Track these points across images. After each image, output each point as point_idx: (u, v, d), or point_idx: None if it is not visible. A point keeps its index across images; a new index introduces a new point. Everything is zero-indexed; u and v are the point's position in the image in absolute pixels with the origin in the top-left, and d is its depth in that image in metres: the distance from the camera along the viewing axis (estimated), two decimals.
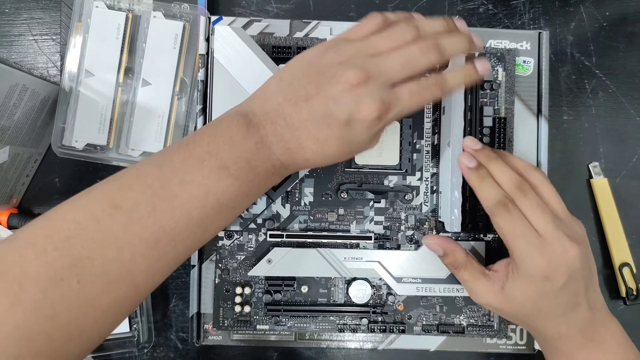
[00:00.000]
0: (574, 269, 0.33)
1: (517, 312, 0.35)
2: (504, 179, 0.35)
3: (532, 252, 0.33)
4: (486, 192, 0.35)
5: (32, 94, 0.40)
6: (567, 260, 0.33)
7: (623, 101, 0.46)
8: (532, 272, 0.33)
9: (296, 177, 0.39)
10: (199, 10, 0.42)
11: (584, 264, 0.34)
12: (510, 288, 0.35)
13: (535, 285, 0.34)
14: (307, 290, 0.40)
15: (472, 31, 0.41)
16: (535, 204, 0.34)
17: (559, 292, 0.33)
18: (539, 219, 0.34)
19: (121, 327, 0.43)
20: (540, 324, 0.35)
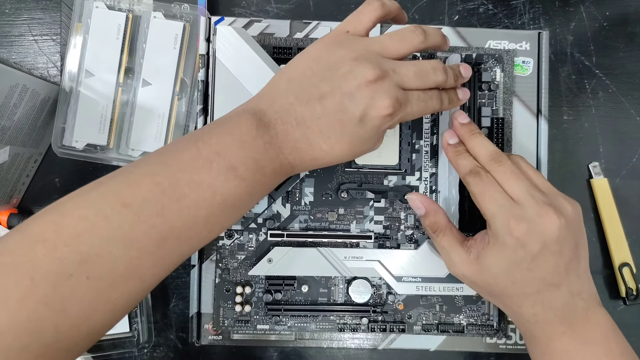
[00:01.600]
0: (550, 238, 0.31)
1: (491, 285, 0.34)
2: (482, 150, 0.35)
3: (503, 214, 0.32)
4: (461, 164, 0.36)
5: (32, 94, 0.40)
6: (542, 225, 0.31)
7: (623, 101, 0.46)
8: (503, 236, 0.32)
9: (296, 177, 0.39)
10: (199, 11, 0.42)
11: (565, 239, 0.32)
12: (484, 256, 0.34)
13: (508, 252, 0.32)
14: (307, 290, 0.40)
15: (472, 31, 0.41)
16: (509, 170, 0.34)
17: (532, 262, 0.32)
18: (513, 184, 0.33)
19: (121, 327, 0.43)
20: (515, 301, 0.34)
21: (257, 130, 0.30)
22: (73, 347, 0.26)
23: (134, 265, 0.27)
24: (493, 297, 0.36)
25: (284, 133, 0.30)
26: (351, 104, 0.30)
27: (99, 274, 0.26)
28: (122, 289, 0.27)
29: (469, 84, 0.40)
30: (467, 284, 0.37)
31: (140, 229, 0.27)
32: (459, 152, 0.36)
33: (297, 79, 0.31)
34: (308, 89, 0.30)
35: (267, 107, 0.31)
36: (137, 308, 0.43)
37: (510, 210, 0.32)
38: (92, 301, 0.26)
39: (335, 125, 0.30)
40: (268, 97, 0.31)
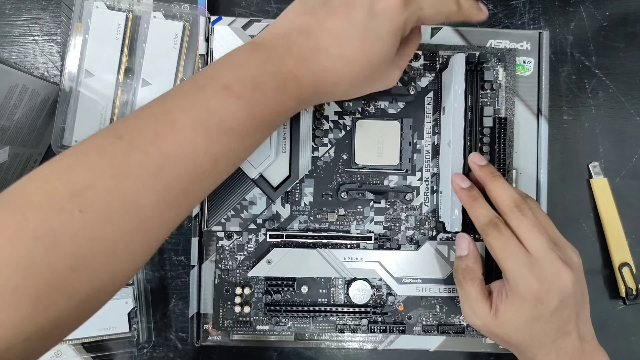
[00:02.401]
0: (566, 293, 0.32)
1: (510, 338, 0.34)
2: (504, 196, 0.35)
3: (523, 272, 0.32)
4: (478, 211, 0.35)
5: (32, 94, 0.40)
6: (560, 283, 0.32)
7: (623, 101, 0.46)
8: (524, 294, 0.33)
9: (296, 177, 0.39)
10: (199, 11, 0.42)
11: (577, 291, 0.33)
12: (503, 311, 0.34)
13: (528, 308, 0.33)
14: (307, 291, 0.40)
15: (472, 31, 0.41)
16: (532, 223, 0.33)
17: (551, 316, 0.33)
18: (534, 239, 0.33)
19: (121, 327, 0.43)
20: (531, 351, 0.34)
21: (252, 51, 0.28)
22: (74, 292, 0.24)
23: (131, 200, 0.25)
24: (508, 346, 0.36)
25: (285, 46, 0.28)
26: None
27: (92, 207, 0.24)
28: (120, 227, 0.25)
29: (471, 83, 0.40)
30: (484, 334, 0.37)
31: (134, 158, 0.25)
32: (474, 198, 0.36)
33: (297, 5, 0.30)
34: (309, 2, 0.29)
35: (266, 33, 0.30)
36: (137, 308, 0.43)
37: (531, 268, 0.32)
38: (87, 237, 0.24)
39: (343, 21, 0.28)
40: (269, 27, 0.30)
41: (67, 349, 0.42)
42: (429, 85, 0.41)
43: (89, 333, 0.42)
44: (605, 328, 0.45)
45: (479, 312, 0.35)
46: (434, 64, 0.41)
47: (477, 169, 0.37)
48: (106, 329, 0.42)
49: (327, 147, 0.40)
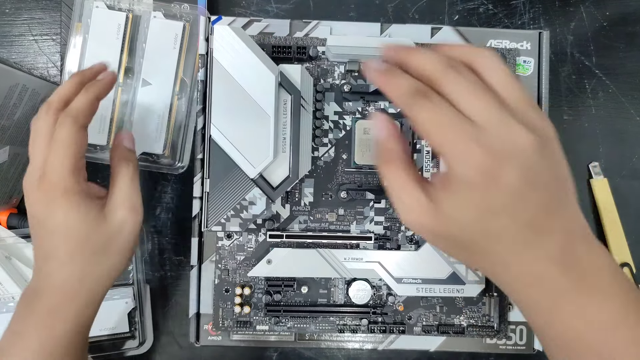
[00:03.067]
0: (527, 163, 0.24)
1: (456, 237, 0.25)
2: (427, 62, 0.26)
3: (466, 145, 0.23)
4: (396, 84, 0.26)
5: (32, 94, 0.40)
6: (518, 151, 0.23)
7: (623, 101, 0.46)
8: (470, 174, 0.23)
9: (296, 177, 0.39)
10: (199, 10, 0.42)
11: (548, 166, 0.25)
12: (444, 200, 0.25)
13: (476, 193, 0.24)
14: (307, 291, 0.40)
15: (472, 31, 0.41)
16: (473, 82, 0.25)
17: (511, 206, 0.24)
18: (476, 100, 0.24)
19: (121, 327, 0.43)
20: (496, 261, 0.25)
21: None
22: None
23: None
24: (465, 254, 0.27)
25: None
26: None
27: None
28: None
29: None
30: (428, 239, 0.29)
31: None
32: (393, 73, 0.26)
33: None
34: None
35: None
36: (137, 308, 0.43)
37: (476, 138, 0.23)
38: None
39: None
40: None
41: None
42: None
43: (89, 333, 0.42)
44: None
45: (412, 204, 0.25)
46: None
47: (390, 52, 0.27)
48: (106, 329, 0.42)
49: (327, 147, 0.40)
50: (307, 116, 0.39)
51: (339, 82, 0.40)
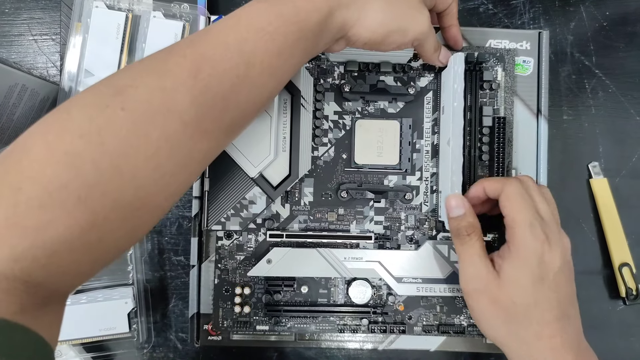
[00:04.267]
0: (566, 258, 0.34)
1: (516, 301, 0.33)
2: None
3: (534, 225, 0.33)
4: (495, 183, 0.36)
5: (32, 93, 0.40)
6: (563, 245, 0.34)
7: (623, 101, 0.46)
8: (530, 249, 0.32)
9: (296, 176, 0.39)
10: (199, 10, 0.42)
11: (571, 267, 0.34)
12: (507, 268, 0.33)
13: (533, 265, 0.32)
14: (307, 291, 0.40)
15: (472, 30, 0.41)
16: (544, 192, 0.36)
17: (553, 279, 0.33)
18: (545, 205, 0.35)
19: (121, 327, 0.42)
20: (535, 328, 0.33)
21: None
22: (118, 196, 0.24)
23: (171, 98, 0.26)
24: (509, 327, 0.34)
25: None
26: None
27: (134, 105, 0.25)
28: (162, 127, 0.25)
29: (470, 83, 0.40)
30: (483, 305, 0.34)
31: (172, 60, 0.27)
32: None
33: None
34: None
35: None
36: (137, 308, 0.43)
37: (540, 224, 0.33)
38: (130, 135, 0.24)
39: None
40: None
41: (67, 349, 0.42)
42: (429, 85, 0.41)
43: (89, 333, 0.42)
44: (606, 328, 0.45)
45: (482, 269, 0.34)
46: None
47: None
48: (106, 329, 0.42)
49: (326, 147, 0.40)
50: (307, 116, 0.39)
51: (338, 82, 0.40)
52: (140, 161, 0.25)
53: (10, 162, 0.23)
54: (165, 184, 0.27)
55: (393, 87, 0.40)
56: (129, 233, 0.26)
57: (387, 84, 0.40)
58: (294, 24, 0.29)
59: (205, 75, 0.27)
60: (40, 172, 0.23)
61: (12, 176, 0.23)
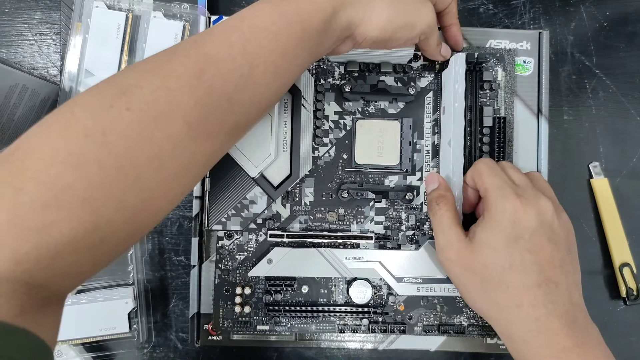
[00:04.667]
0: (545, 218, 0.32)
1: (487, 267, 0.32)
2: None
3: (504, 189, 0.32)
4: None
5: (32, 93, 0.40)
6: (539, 207, 0.32)
7: (623, 101, 0.46)
8: (502, 210, 0.32)
9: (297, 176, 0.39)
10: (199, 10, 0.42)
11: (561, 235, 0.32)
12: (479, 232, 0.33)
13: (504, 227, 0.31)
14: (307, 291, 0.40)
15: (472, 31, 0.41)
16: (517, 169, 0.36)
17: (530, 241, 0.31)
18: (520, 175, 0.35)
19: (121, 327, 0.42)
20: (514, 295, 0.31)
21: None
22: (122, 198, 0.24)
23: (175, 99, 0.26)
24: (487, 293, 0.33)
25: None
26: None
27: (139, 106, 0.25)
28: (166, 129, 0.25)
29: (470, 83, 0.40)
30: (457, 274, 0.34)
31: (176, 60, 0.27)
32: None
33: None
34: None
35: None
36: (137, 308, 0.43)
37: (512, 187, 0.33)
38: (134, 135, 0.24)
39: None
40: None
41: (67, 349, 0.42)
42: (429, 85, 0.41)
43: (89, 333, 0.42)
44: (606, 328, 0.45)
45: (452, 237, 0.34)
46: (433, 64, 0.41)
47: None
48: (106, 329, 0.42)
49: (327, 147, 0.40)
50: (307, 116, 0.39)
51: (339, 82, 0.40)
52: (143, 162, 0.25)
53: (12, 162, 0.23)
54: (168, 186, 0.27)
55: (393, 88, 0.40)
56: (130, 234, 0.26)
57: (387, 84, 0.40)
58: (298, 23, 0.29)
59: (210, 75, 0.27)
60: (44, 173, 0.22)
61: (14, 176, 0.23)
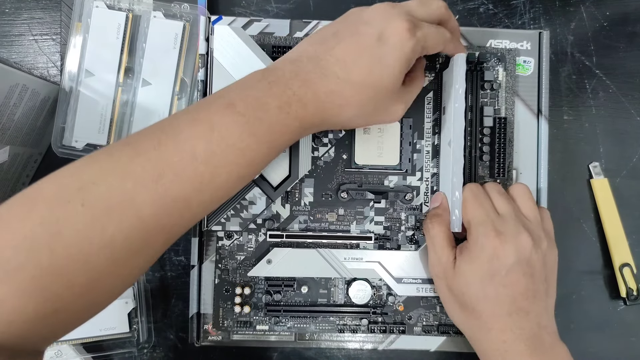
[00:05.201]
0: (523, 255, 0.33)
1: (464, 295, 0.34)
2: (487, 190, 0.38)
3: (486, 223, 0.34)
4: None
5: (32, 93, 0.40)
6: (518, 243, 0.33)
7: (623, 101, 0.46)
8: (482, 245, 0.33)
9: (296, 177, 0.39)
10: (199, 10, 0.42)
11: (537, 267, 0.34)
12: (461, 261, 0.35)
13: (484, 261, 0.33)
14: (307, 291, 0.40)
15: (473, 31, 0.41)
16: (505, 194, 0.36)
17: (506, 277, 0.33)
18: (505, 203, 0.35)
19: (121, 327, 0.43)
20: (485, 321, 0.34)
21: (262, 75, 0.30)
22: (72, 281, 0.26)
23: (129, 197, 0.27)
24: (463, 314, 0.36)
25: (294, 71, 0.30)
26: (367, 26, 0.30)
27: (93, 202, 0.26)
28: (118, 223, 0.26)
29: (471, 83, 0.40)
30: (442, 291, 0.37)
31: (136, 162, 0.27)
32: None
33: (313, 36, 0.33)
34: (323, 33, 0.32)
35: (280, 61, 0.32)
36: (137, 308, 0.43)
37: (494, 222, 0.34)
38: (86, 228, 0.26)
39: (352, 48, 0.30)
40: (284, 56, 0.32)
41: (67, 349, 0.42)
42: (429, 85, 0.41)
43: (89, 333, 0.42)
44: (606, 328, 0.45)
45: (442, 257, 0.36)
46: (434, 63, 0.41)
47: None
48: (106, 329, 0.42)
49: (327, 147, 0.40)
50: None
51: None
52: (94, 250, 0.26)
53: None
54: (119, 268, 0.28)
55: None
56: (85, 307, 0.28)
57: None
58: (266, 143, 0.30)
59: (167, 180, 0.27)
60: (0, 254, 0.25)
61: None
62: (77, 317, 0.28)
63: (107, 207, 0.26)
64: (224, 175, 0.29)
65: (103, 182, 0.27)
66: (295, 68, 0.30)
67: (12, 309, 0.25)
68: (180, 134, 0.28)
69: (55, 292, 0.26)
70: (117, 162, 0.27)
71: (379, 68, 0.30)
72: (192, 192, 0.28)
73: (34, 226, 0.25)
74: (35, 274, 0.25)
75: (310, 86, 0.30)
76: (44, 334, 0.27)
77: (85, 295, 0.27)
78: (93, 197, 0.26)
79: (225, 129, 0.28)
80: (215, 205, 0.31)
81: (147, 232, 0.28)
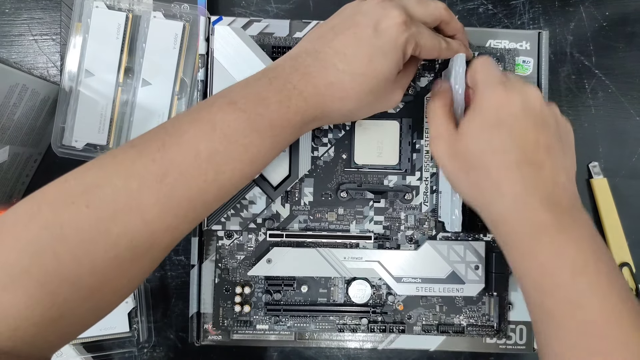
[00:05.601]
0: (532, 106, 0.31)
1: (470, 151, 0.32)
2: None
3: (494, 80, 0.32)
4: None
5: (32, 93, 0.40)
6: (526, 94, 0.31)
7: (623, 101, 0.46)
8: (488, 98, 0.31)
9: (296, 176, 0.39)
10: (199, 10, 0.42)
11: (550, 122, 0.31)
12: (465, 122, 0.32)
13: (491, 113, 0.31)
14: (306, 290, 0.40)
15: (472, 31, 0.41)
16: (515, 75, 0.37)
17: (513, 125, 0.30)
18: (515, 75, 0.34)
19: (121, 327, 0.43)
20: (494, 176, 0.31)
21: (263, 72, 0.31)
22: (77, 281, 0.26)
23: (135, 199, 0.27)
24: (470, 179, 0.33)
25: (293, 66, 0.30)
26: (363, 17, 0.31)
27: (98, 203, 0.26)
28: (123, 224, 0.26)
29: None
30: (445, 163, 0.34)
31: (140, 163, 0.27)
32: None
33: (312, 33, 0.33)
34: (322, 29, 0.32)
35: (281, 60, 0.32)
36: (137, 308, 0.43)
37: (502, 79, 0.32)
38: (91, 230, 0.26)
39: (350, 40, 0.30)
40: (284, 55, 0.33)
41: (67, 348, 0.42)
42: (429, 85, 0.41)
43: (89, 333, 0.42)
44: None
45: (442, 130, 0.33)
46: (433, 64, 0.41)
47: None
48: (106, 329, 0.43)
49: (326, 147, 0.40)
50: None
51: None
52: (99, 252, 0.26)
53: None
54: (125, 270, 0.28)
55: None
56: (91, 310, 0.28)
57: None
58: (269, 137, 0.30)
59: (172, 179, 0.27)
60: (4, 258, 0.25)
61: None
62: (83, 322, 0.28)
63: (111, 209, 0.26)
64: (227, 173, 0.29)
65: (107, 184, 0.27)
66: (294, 63, 0.31)
67: (19, 315, 0.25)
68: (184, 134, 0.28)
69: (63, 295, 0.26)
70: (121, 164, 0.27)
71: (377, 57, 0.31)
72: (197, 191, 0.28)
73: (38, 230, 0.25)
74: (40, 278, 0.25)
75: (310, 79, 0.30)
76: (50, 340, 0.27)
77: (91, 298, 0.27)
78: (97, 198, 0.26)
79: (227, 127, 0.29)
80: (217, 206, 0.31)
81: (152, 234, 0.28)
